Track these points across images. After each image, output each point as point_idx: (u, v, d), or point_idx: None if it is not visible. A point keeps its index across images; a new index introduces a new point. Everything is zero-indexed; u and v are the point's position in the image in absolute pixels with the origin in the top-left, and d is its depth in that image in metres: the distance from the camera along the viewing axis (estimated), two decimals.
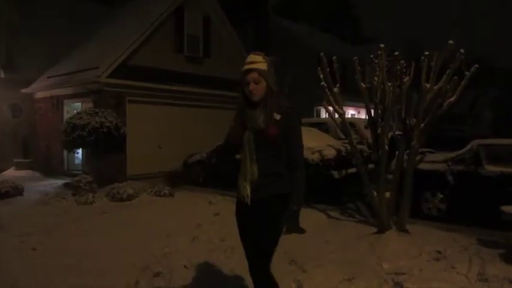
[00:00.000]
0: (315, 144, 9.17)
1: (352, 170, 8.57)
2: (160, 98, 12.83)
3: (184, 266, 4.78)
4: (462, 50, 5.62)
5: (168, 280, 4.39)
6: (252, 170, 2.64)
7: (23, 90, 14.46)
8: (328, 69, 6.54)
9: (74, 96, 12.93)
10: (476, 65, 5.78)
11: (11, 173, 13.77)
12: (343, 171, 8.69)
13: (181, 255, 5.18)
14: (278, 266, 4.66)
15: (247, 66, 2.66)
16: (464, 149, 7.25)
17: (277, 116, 2.62)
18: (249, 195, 2.65)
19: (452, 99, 5.97)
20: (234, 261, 4.85)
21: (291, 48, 20.50)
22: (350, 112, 21.68)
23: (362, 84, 6.48)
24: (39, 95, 14.34)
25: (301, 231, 3.02)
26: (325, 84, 6.56)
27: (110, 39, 13.62)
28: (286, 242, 5.43)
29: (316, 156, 8.71)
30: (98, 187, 9.41)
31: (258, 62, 2.64)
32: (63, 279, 4.52)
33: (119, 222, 6.87)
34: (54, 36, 15.06)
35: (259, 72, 2.62)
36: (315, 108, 20.26)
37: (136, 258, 5.04)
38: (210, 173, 10.51)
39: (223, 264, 4.85)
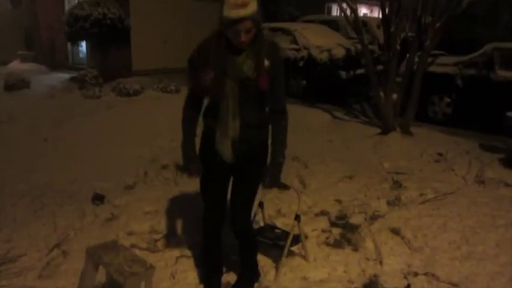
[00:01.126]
0: (324, 42, 8.90)
1: (360, 71, 8.43)
2: None
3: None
4: None
5: (175, 172, 4.56)
6: (234, 125, 2.22)
7: None
8: None
9: None
10: None
11: (15, 65, 13.65)
12: (351, 72, 8.56)
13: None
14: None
15: (237, 13, 2.03)
16: (478, 52, 7.01)
17: (266, 62, 2.18)
18: (231, 154, 2.28)
19: None
20: None
21: None
22: (363, 10, 20.66)
23: None
24: None
25: (286, 187, 2.84)
26: None
27: None
28: (290, 142, 5.57)
29: (324, 56, 8.52)
30: (104, 82, 9.37)
31: (248, 2, 2.03)
32: (75, 166, 4.73)
33: (127, 116, 6.97)
34: None
35: (252, 19, 2.05)
36: (326, 5, 19.30)
37: (144, 151, 5.21)
38: None
39: None
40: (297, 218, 2.85)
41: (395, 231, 3.30)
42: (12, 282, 2.86)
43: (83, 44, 11.54)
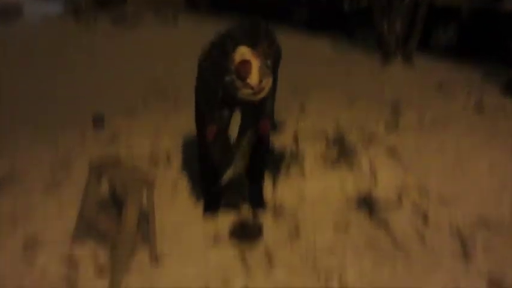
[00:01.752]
0: None
1: (364, 3, 8.15)
2: None
3: (190, 85, 4.90)
4: None
5: (174, 96, 4.56)
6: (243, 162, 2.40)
7: None
8: None
9: None
10: None
11: None
12: (355, 3, 8.27)
13: (187, 76, 5.25)
14: (283, 89, 4.79)
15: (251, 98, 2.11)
16: None
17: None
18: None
19: None
20: None
21: None
22: None
23: None
24: None
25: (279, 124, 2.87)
26: None
27: None
28: (291, 69, 5.49)
29: None
30: (99, 9, 9.08)
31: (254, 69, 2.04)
32: (74, 91, 4.73)
33: (123, 45, 6.86)
34: None
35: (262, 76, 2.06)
36: None
37: (144, 78, 5.17)
38: None
39: None
40: (295, 137, 2.89)
41: (391, 152, 3.37)
42: (18, 198, 2.96)
43: None
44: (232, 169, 2.39)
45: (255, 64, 2.03)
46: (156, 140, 3.68)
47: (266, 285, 2.01)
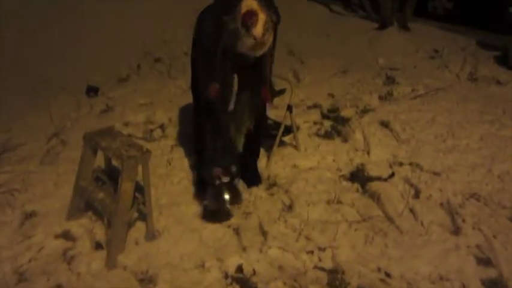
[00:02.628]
0: None
1: None
2: None
3: (184, 53, 4.86)
4: None
5: (168, 65, 4.52)
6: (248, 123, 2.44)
7: None
8: None
9: None
10: None
11: None
12: None
13: (180, 43, 5.20)
14: (277, 56, 4.76)
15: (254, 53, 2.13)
16: None
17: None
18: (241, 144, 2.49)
19: None
20: None
21: None
22: None
23: None
24: None
25: (281, 91, 2.82)
26: None
27: None
28: (287, 36, 5.42)
29: None
30: None
31: (259, 13, 2.02)
32: (67, 60, 4.67)
33: (115, 11, 6.65)
34: None
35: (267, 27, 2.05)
36: None
37: (136, 43, 5.09)
38: None
39: None
40: (289, 108, 2.91)
41: (385, 124, 3.40)
42: (15, 169, 2.98)
43: None
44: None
45: (261, 17, 2.02)
46: (151, 109, 3.68)
47: (260, 263, 2.07)
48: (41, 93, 4.01)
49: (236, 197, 2.37)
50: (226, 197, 2.30)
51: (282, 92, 2.97)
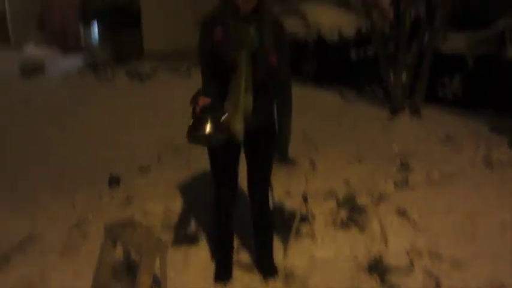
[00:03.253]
0: (335, 22, 8.85)
1: (371, 52, 8.39)
2: None
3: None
4: None
5: (187, 155, 4.68)
6: (246, 100, 2.24)
7: None
8: None
9: None
10: None
11: (30, 49, 13.82)
12: (362, 52, 8.51)
13: None
14: (293, 143, 4.91)
15: None
16: (489, 30, 6.91)
17: (272, 34, 2.23)
18: (242, 131, 2.29)
19: None
20: None
21: None
22: None
23: None
24: None
25: (293, 163, 2.91)
26: None
27: None
28: (300, 123, 5.62)
29: (334, 35, 8.49)
30: (116, 64, 9.49)
31: None
32: (91, 149, 4.89)
33: (139, 99, 7.11)
34: None
35: None
36: None
37: (158, 133, 5.34)
38: None
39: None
40: (305, 198, 2.96)
41: (401, 212, 3.40)
42: (35, 261, 3.03)
43: (95, 24, 11.61)
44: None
45: None
46: (170, 198, 3.78)
47: None
48: (64, 183, 4.16)
49: None
50: None
51: (293, 162, 3.01)
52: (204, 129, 2.10)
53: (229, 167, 2.51)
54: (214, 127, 2.10)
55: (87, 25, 11.41)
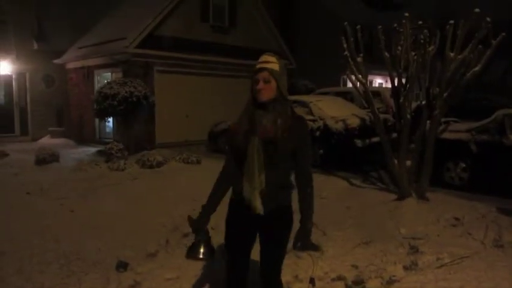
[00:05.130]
0: (339, 113, 9.28)
1: (376, 139, 8.66)
2: (187, 67, 13.04)
3: (211, 228, 5.09)
4: (488, 19, 5.56)
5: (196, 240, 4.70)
6: (260, 178, 2.41)
7: (55, 61, 14.92)
8: (352, 38, 6.59)
9: (103, 67, 13.27)
10: (504, 34, 5.71)
11: (46, 140, 14.42)
12: (367, 140, 8.79)
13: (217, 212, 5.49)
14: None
15: (259, 65, 2.45)
16: (489, 119, 7.23)
17: (287, 123, 2.42)
18: (260, 204, 2.44)
19: (476, 68, 5.93)
20: None
21: (317, 14, 20.24)
22: (377, 81, 21.40)
23: (386, 53, 6.50)
24: (71, 65, 14.76)
25: (316, 248, 2.99)
26: (348, 54, 6.63)
27: (138, 8, 13.81)
28: None
29: (340, 125, 8.85)
30: (129, 154, 9.81)
31: (270, 62, 2.44)
32: (100, 235, 4.92)
33: (150, 187, 7.25)
34: (83, 5, 15.38)
35: (270, 71, 2.40)
36: (342, 77, 20.10)
37: (166, 220, 5.40)
38: None
39: None
40: (312, 281, 2.94)
41: None
42: None
43: (110, 119, 12.19)
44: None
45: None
46: (178, 283, 3.75)
47: None
48: (72, 269, 4.15)
49: None
50: None
51: (317, 248, 3.01)
52: (199, 252, 2.75)
53: (245, 248, 2.65)
54: (207, 250, 2.74)
55: (102, 120, 11.98)
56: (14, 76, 15.42)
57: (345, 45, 6.69)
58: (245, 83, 14.54)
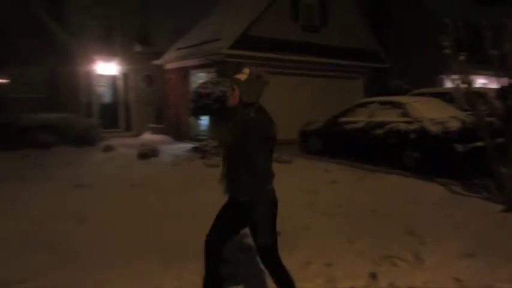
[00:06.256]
0: (437, 115, 8.78)
1: (479, 144, 8.04)
2: (278, 67, 13.17)
3: (304, 228, 5.11)
4: None
5: (287, 239, 4.74)
6: (223, 170, 3.05)
7: (155, 62, 15.95)
8: (454, 36, 6.19)
9: (199, 67, 13.91)
10: None
11: (147, 136, 15.51)
12: (469, 145, 8.19)
13: (299, 218, 5.52)
14: (396, 235, 4.77)
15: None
16: None
17: (236, 127, 2.88)
18: (224, 190, 3.05)
19: None
20: (350, 226, 5.10)
21: (411, 10, 19.28)
22: (481, 81, 19.83)
23: (492, 51, 6.01)
24: (169, 66, 15.69)
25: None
26: (449, 52, 6.25)
27: (233, 9, 14.26)
28: (404, 215, 5.47)
29: (438, 128, 8.36)
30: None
31: (242, 73, 2.93)
32: (202, 225, 5.15)
33: None
34: (182, 8, 16.25)
35: (234, 80, 2.93)
36: (438, 77, 18.95)
37: None
38: (327, 142, 10.65)
39: (340, 228, 5.08)
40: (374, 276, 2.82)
41: None
42: None
43: (203, 117, 12.73)
44: None
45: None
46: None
47: None
48: (172, 257, 4.39)
49: None
50: None
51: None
52: None
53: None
54: None
55: (197, 118, 12.56)
56: (118, 76, 16.78)
57: (446, 43, 6.31)
58: (336, 82, 14.41)
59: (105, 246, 4.60)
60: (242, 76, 2.92)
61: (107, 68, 15.98)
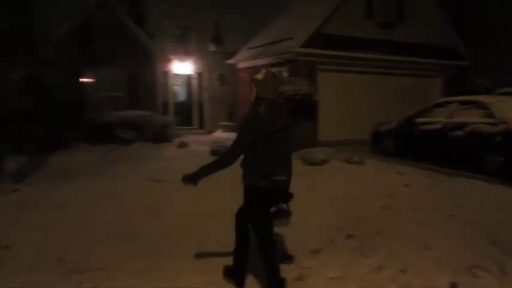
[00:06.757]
0: None
1: None
2: (350, 66, 12.93)
3: (377, 232, 4.97)
4: None
5: (360, 242, 4.65)
6: None
7: (227, 61, 16.32)
8: None
9: (271, 66, 13.96)
10: None
11: (218, 134, 15.94)
12: None
13: (372, 221, 5.38)
14: (477, 244, 4.48)
15: None
16: None
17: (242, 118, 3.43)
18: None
19: None
20: (427, 232, 4.87)
21: (500, 3, 17.95)
22: None
23: None
24: (241, 65, 15.97)
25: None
26: None
27: (305, 7, 14.19)
28: (487, 223, 5.11)
29: None
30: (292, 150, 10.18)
31: (260, 73, 3.34)
32: None
33: (312, 184, 7.40)
34: (255, 8, 16.47)
35: (253, 80, 3.35)
36: None
37: (329, 219, 5.44)
38: (401, 143, 10.27)
39: (415, 234, 4.87)
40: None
41: None
42: None
43: None
44: None
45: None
46: (342, 283, 3.75)
47: None
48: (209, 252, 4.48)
49: None
50: None
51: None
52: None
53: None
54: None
55: None
56: (193, 75, 17.38)
57: None
58: (412, 81, 13.82)
59: (177, 238, 4.83)
60: (260, 76, 3.31)
61: (182, 67, 16.63)
